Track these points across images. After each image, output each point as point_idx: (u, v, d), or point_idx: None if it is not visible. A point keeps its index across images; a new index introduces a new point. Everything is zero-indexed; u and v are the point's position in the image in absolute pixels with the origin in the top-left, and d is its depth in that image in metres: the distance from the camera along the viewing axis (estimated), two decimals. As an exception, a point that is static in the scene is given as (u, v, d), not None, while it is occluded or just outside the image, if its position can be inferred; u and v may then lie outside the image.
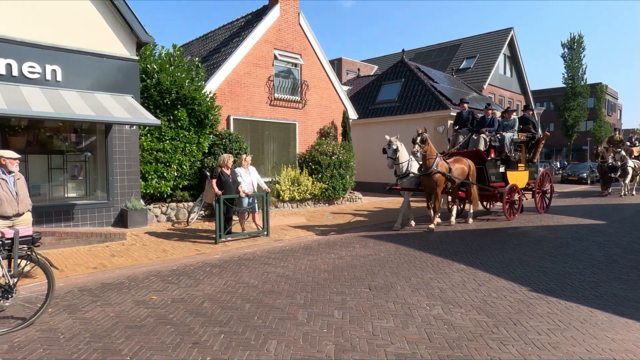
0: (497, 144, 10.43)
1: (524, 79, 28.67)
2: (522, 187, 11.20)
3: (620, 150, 16.43)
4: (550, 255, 6.69)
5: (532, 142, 11.55)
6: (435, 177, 8.82)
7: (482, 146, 10.31)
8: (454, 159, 9.64)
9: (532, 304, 4.46)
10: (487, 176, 10.16)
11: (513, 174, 10.72)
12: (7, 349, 3.46)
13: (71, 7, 8.11)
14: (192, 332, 3.77)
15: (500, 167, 10.49)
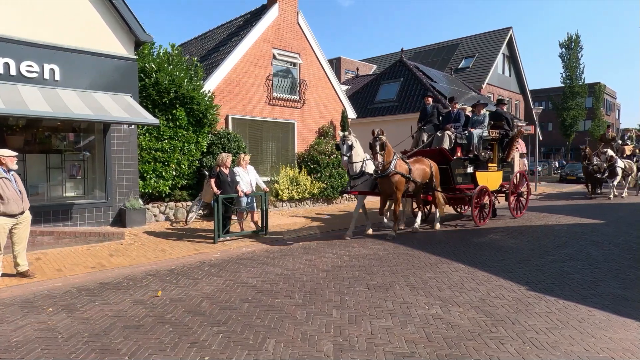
0: (464, 142, 9.41)
1: (523, 79, 28.71)
2: (495, 190, 10.28)
3: (607, 150, 15.31)
4: (549, 255, 6.70)
5: (506, 139, 10.42)
6: (394, 179, 7.82)
7: (446, 144, 9.29)
8: (415, 159, 8.70)
9: (530, 303, 4.47)
10: (453, 177, 9.17)
11: (483, 174, 9.75)
12: (5, 348, 3.45)
13: (70, 6, 8.09)
14: (190, 331, 3.77)
15: (468, 168, 9.48)
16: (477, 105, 10.01)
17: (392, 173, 7.78)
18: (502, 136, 10.31)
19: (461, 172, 9.38)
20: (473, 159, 9.48)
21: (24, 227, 5.42)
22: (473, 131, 9.40)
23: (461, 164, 9.36)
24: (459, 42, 28.60)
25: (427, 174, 8.59)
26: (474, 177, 9.56)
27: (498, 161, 10.32)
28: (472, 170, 9.52)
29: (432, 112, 10.17)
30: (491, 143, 10.06)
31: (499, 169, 10.39)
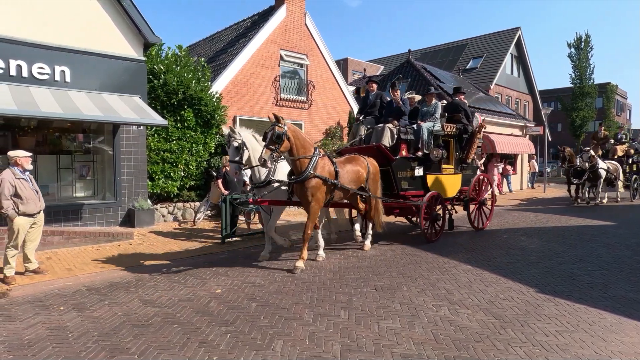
0: (410, 137, 7.68)
1: (531, 79, 28.44)
2: (452, 197, 8.56)
3: (589, 149, 13.47)
4: (558, 257, 6.63)
5: (465, 136, 8.71)
6: (310, 184, 5.82)
7: (386, 140, 7.45)
8: (347, 157, 6.81)
9: (539, 306, 4.42)
10: (396, 182, 7.39)
11: (436, 178, 8.04)
12: (18, 345, 3.50)
13: (80, 9, 8.19)
14: (198, 331, 3.79)
15: (416, 170, 7.70)
16: (427, 94, 8.41)
17: (310, 177, 5.80)
18: (460, 132, 8.58)
19: (407, 175, 7.59)
20: (422, 159, 7.77)
21: (38, 226, 5.54)
22: (422, 125, 7.72)
23: (407, 165, 7.60)
24: (467, 42, 28.42)
25: (361, 178, 6.63)
26: (424, 182, 7.86)
27: (455, 162, 8.56)
28: (421, 172, 7.76)
29: (374, 101, 8.27)
30: (446, 140, 8.37)
31: (457, 171, 8.63)
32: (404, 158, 7.56)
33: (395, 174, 7.38)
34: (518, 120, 20.19)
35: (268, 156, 5.37)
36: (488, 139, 17.14)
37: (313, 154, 5.93)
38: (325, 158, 6.18)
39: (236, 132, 5.95)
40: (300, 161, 5.81)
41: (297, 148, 5.78)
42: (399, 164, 7.45)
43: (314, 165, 5.87)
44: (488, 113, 17.59)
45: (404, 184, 7.53)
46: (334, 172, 6.16)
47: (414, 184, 7.74)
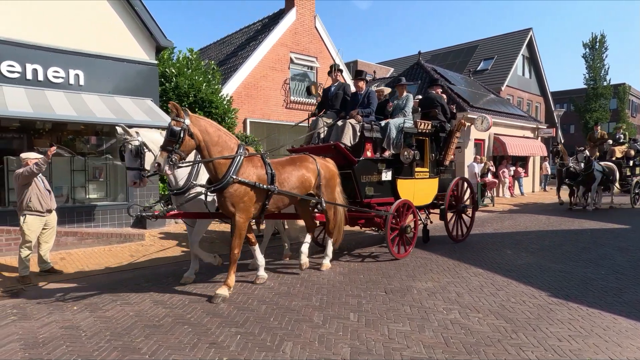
0: (376, 135, 6.61)
1: (544, 80, 28.13)
2: (427, 205, 7.56)
3: (584, 149, 12.39)
4: (571, 260, 6.53)
5: (442, 134, 7.70)
6: (231, 192, 4.70)
7: (347, 138, 6.35)
8: (290, 158, 5.74)
9: (552, 310, 4.36)
10: (359, 187, 6.32)
11: (408, 183, 6.93)
12: (33, 344, 3.56)
13: (94, 13, 8.34)
14: (209, 332, 3.82)
15: (384, 173, 6.64)
16: (397, 85, 7.41)
17: (233, 182, 4.67)
18: (436, 130, 7.52)
19: (373, 179, 6.51)
20: (391, 161, 6.77)
21: (51, 227, 5.66)
22: (390, 121, 6.78)
23: (372, 167, 6.52)
24: (478, 43, 28.23)
25: (308, 182, 5.53)
26: (393, 187, 6.81)
27: (431, 165, 7.46)
28: (389, 176, 6.73)
29: (335, 93, 7.14)
30: (420, 139, 7.26)
31: (433, 175, 7.53)
32: (369, 160, 6.48)
33: (357, 178, 6.26)
34: (530, 122, 19.97)
35: (163, 160, 4.26)
36: (499, 141, 16.97)
37: (236, 153, 4.80)
38: (255, 158, 5.04)
39: (131, 132, 4.86)
40: (215, 164, 4.67)
41: (209, 147, 4.62)
42: (362, 167, 6.32)
43: (237, 167, 4.73)
44: (499, 115, 17.43)
45: (368, 190, 6.43)
46: (266, 176, 5.00)
47: (381, 190, 6.64)
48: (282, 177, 5.25)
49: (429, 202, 7.54)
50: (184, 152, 4.42)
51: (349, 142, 6.35)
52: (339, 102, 7.10)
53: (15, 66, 7.41)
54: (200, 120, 4.67)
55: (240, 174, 4.76)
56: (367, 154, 6.48)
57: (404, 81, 7.52)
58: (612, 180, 12.95)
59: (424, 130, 7.19)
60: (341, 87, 7.24)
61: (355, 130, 6.41)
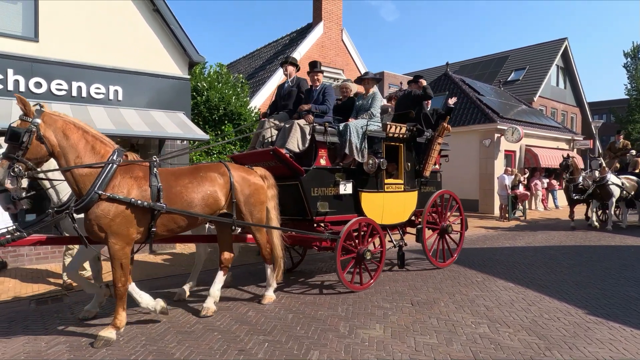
0: (330, 140, 5.47)
1: (580, 91, 27.22)
2: (402, 223, 6.46)
3: (600, 159, 11.21)
4: (612, 278, 6.23)
5: (420, 140, 6.55)
6: (97, 213, 3.73)
7: (294, 142, 5.25)
8: (193, 167, 4.65)
9: (590, 329, 4.18)
10: (307, 202, 5.26)
11: (375, 198, 5.88)
12: (77, 346, 3.77)
13: (132, 32, 8.83)
14: (237, 339, 3.91)
15: (343, 185, 5.55)
16: (362, 79, 6.19)
17: (102, 199, 3.72)
18: (413, 134, 6.35)
19: (328, 192, 5.44)
20: (353, 171, 5.71)
21: None
22: (350, 122, 5.62)
23: (327, 178, 5.43)
24: (508, 54, 27.72)
25: (212, 199, 4.35)
26: (356, 202, 5.75)
27: (407, 176, 6.35)
28: (349, 189, 5.64)
29: (289, 90, 6.10)
30: (392, 145, 6.19)
31: (410, 188, 6.40)
32: (322, 169, 5.37)
33: (306, 192, 5.18)
34: (564, 133, 19.33)
35: (3, 171, 3.39)
36: (531, 152, 16.51)
37: (107, 161, 3.79)
38: (135, 167, 4.01)
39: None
40: (76, 175, 3.69)
41: (66, 154, 3.66)
42: (312, 177, 5.24)
43: (106, 179, 3.73)
44: (531, 126, 16.99)
45: (321, 205, 5.33)
46: (150, 190, 3.94)
47: (339, 205, 5.53)
48: (174, 191, 4.11)
49: (405, 219, 6.41)
50: (31, 160, 3.51)
51: (296, 147, 5.24)
52: (293, 101, 6.00)
53: (62, 84, 7.94)
54: (59, 120, 3.67)
55: (110, 187, 3.75)
56: (320, 162, 5.37)
57: (370, 75, 6.20)
58: (634, 196, 11.37)
59: (396, 135, 6.05)
60: (296, 83, 6.10)
61: (305, 132, 5.30)
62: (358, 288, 5.47)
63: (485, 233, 10.94)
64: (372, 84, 6.16)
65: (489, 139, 15.21)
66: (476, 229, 11.37)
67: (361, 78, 6.25)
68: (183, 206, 4.15)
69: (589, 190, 10.94)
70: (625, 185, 11.18)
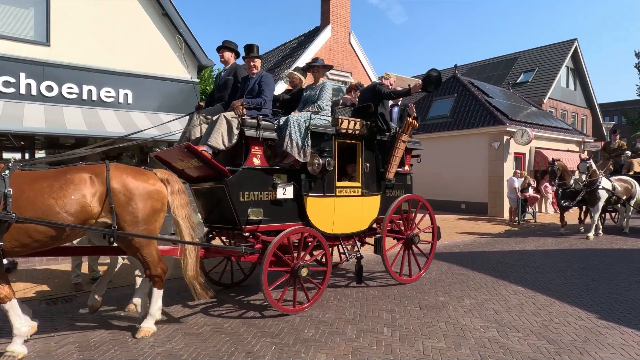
0: (266, 135, 4.71)
1: (590, 92, 26.90)
2: (362, 231, 5.65)
3: (588, 162, 10.17)
4: (624, 282, 6.14)
5: (382, 137, 5.78)
6: None
7: (218, 137, 4.49)
8: (59, 170, 3.78)
9: (601, 333, 4.12)
10: (235, 208, 4.48)
11: (324, 203, 5.11)
12: (86, 347, 3.81)
13: (144, 37, 8.95)
14: (245, 341, 3.92)
15: (282, 188, 4.75)
16: (311, 66, 5.51)
17: None
18: (372, 131, 5.60)
19: (262, 197, 4.65)
20: (297, 172, 4.93)
21: None
22: (291, 116, 4.89)
23: (262, 180, 4.66)
24: (517, 55, 27.51)
25: (78, 205, 3.63)
26: (300, 208, 4.97)
27: (366, 178, 5.58)
28: (291, 194, 4.84)
29: (225, 79, 5.39)
30: (350, 143, 5.44)
31: (370, 192, 5.63)
32: (255, 169, 4.60)
33: (232, 196, 4.41)
34: (574, 135, 19.11)
35: None
36: (541, 154, 16.35)
37: None
38: None
39: None
40: None
41: None
42: (242, 179, 4.49)
43: None
44: (540, 128, 16.83)
45: (254, 212, 4.54)
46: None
47: (277, 212, 4.76)
48: (25, 197, 3.46)
49: (364, 227, 5.61)
50: None
51: (221, 143, 4.49)
52: (229, 92, 5.29)
53: (73, 88, 8.09)
54: None
55: None
56: (253, 162, 4.58)
57: (319, 62, 5.49)
58: (625, 200, 10.60)
59: (350, 131, 5.28)
60: (232, 71, 5.37)
61: (232, 126, 4.52)
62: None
63: (473, 240, 10.82)
64: (322, 73, 5.53)
65: (498, 142, 15.10)
66: (463, 236, 11.28)
67: (310, 65, 5.53)
68: (37, 215, 3.44)
69: (578, 197, 10.20)
70: (616, 189, 10.42)
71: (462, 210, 16.02)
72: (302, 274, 4.69)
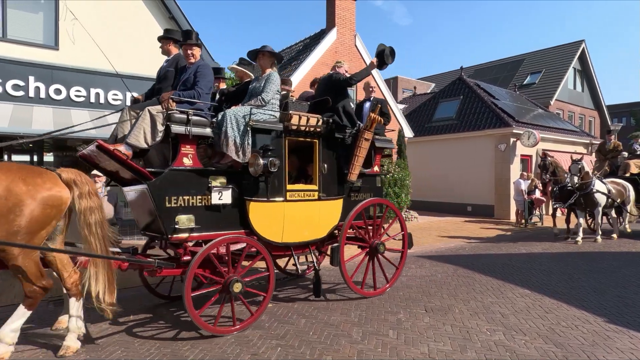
0: (197, 132, 4.12)
1: (598, 94, 26.71)
2: (318, 239, 5.06)
3: (580, 162, 9.47)
4: (633, 285, 6.07)
5: (340, 135, 5.19)
6: None
7: (139, 134, 3.95)
8: None
9: (609, 337, 4.08)
10: (160, 215, 3.90)
11: (271, 209, 4.53)
12: (94, 348, 3.84)
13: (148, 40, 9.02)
14: (250, 343, 3.93)
15: (218, 193, 4.20)
16: (259, 52, 4.80)
17: None
18: (329, 128, 5.03)
19: (194, 202, 4.09)
20: (237, 174, 4.39)
21: None
22: (229, 110, 4.32)
23: (196, 183, 4.09)
24: (524, 57, 27.39)
25: None
26: (243, 215, 4.41)
27: (324, 180, 5.00)
28: (229, 198, 4.28)
29: (166, 70, 4.88)
30: (304, 141, 4.86)
31: (328, 195, 5.05)
32: (186, 170, 4.03)
33: (157, 201, 3.86)
34: (582, 137, 18.95)
35: None
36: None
37: None
38: None
39: None
40: None
41: None
42: (168, 182, 3.93)
43: None
44: (547, 130, 16.72)
45: (183, 220, 3.98)
46: None
47: (213, 219, 4.20)
48: None
49: (322, 235, 5.05)
50: None
51: (143, 140, 3.95)
52: (169, 84, 4.73)
53: (81, 91, 8.18)
54: None
55: None
56: (182, 162, 4.02)
57: (267, 48, 4.79)
58: (621, 203, 10.21)
59: (303, 128, 4.70)
60: (174, 62, 4.86)
61: (156, 122, 4.00)
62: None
63: (479, 242, 10.76)
64: (269, 62, 4.81)
65: (504, 144, 15.02)
66: (468, 238, 11.22)
67: (256, 52, 4.81)
68: None
69: (570, 200, 9.73)
70: (611, 192, 10.00)
71: (469, 213, 15.95)
72: (235, 290, 4.09)
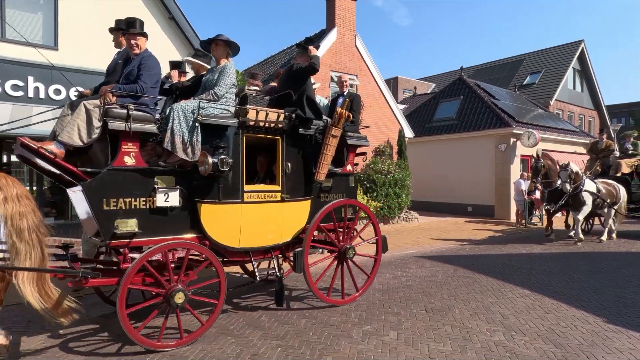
0: (140, 128, 3.76)
1: (597, 94, 26.72)
2: (282, 244, 4.71)
3: (568, 168, 9.31)
4: (632, 285, 6.08)
5: (305, 131, 4.74)
6: None
7: (73, 132, 3.61)
8: None
9: (608, 337, 4.09)
10: (97, 219, 3.56)
11: (226, 212, 4.18)
12: (93, 348, 3.84)
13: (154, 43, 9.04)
14: (250, 343, 3.93)
15: (164, 194, 3.82)
16: (212, 42, 4.42)
17: None
18: (292, 123, 4.59)
19: (137, 204, 3.74)
20: (186, 173, 4.05)
21: None
22: (176, 105, 4.03)
23: (138, 183, 3.75)
24: (524, 57, 27.40)
25: None
26: (194, 218, 4.06)
27: (287, 180, 4.65)
28: (176, 200, 3.91)
29: (115, 63, 4.71)
30: (268, 138, 4.53)
31: (293, 196, 4.69)
32: (126, 170, 3.69)
33: (94, 204, 3.53)
34: (581, 137, 18.96)
35: None
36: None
37: None
38: None
39: None
40: None
41: None
42: (105, 183, 3.58)
43: None
44: (547, 130, 16.73)
45: (124, 224, 3.65)
46: None
47: (160, 223, 3.86)
48: None
49: (285, 239, 4.71)
50: None
51: (77, 138, 3.63)
52: (118, 76, 4.37)
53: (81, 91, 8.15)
54: None
55: None
56: (124, 161, 3.69)
57: (223, 37, 4.39)
58: (610, 204, 9.91)
59: (262, 124, 4.32)
60: (124, 54, 4.57)
61: (91, 118, 3.67)
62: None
63: (479, 242, 10.76)
64: (224, 53, 4.41)
65: (504, 144, 15.03)
66: (468, 238, 11.23)
67: (209, 41, 4.44)
68: None
69: (561, 201, 9.52)
70: (601, 191, 9.79)
71: (469, 213, 15.96)
72: (177, 301, 3.75)
